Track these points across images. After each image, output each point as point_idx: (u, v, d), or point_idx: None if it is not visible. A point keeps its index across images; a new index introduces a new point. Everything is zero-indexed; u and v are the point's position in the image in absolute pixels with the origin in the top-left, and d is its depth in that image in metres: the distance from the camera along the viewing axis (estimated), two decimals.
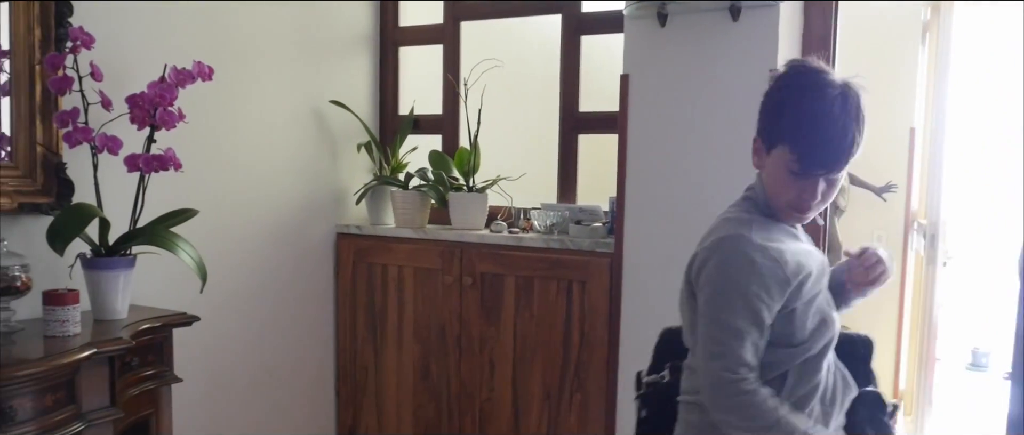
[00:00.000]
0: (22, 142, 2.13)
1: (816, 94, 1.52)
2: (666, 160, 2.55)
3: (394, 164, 3.30)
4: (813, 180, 1.54)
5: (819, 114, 1.50)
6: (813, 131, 1.50)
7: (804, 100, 1.53)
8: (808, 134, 1.51)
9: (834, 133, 1.51)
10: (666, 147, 2.55)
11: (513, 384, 2.95)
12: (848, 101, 1.53)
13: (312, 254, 3.21)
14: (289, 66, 3.04)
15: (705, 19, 2.46)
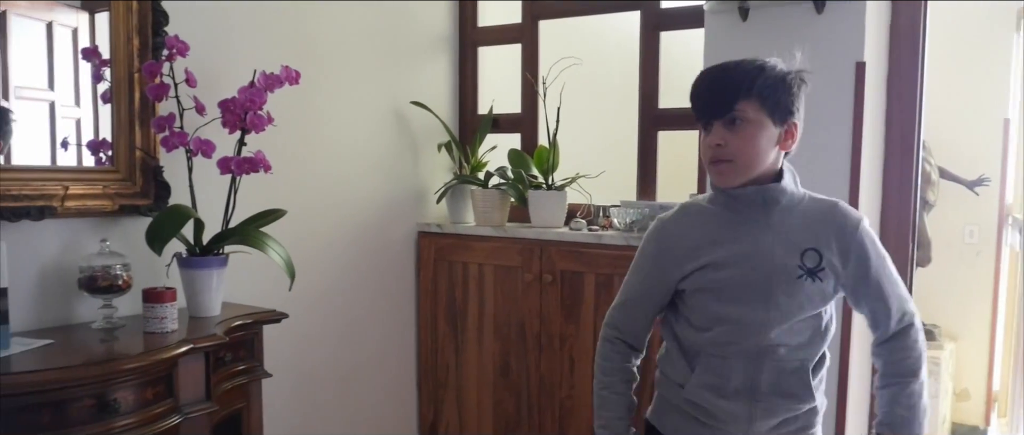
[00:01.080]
0: (122, 147, 2.23)
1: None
2: None
3: (474, 163, 3.34)
4: (707, 131, 1.59)
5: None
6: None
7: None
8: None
9: (705, 74, 1.61)
10: None
11: (593, 381, 2.94)
12: (735, 63, 1.60)
13: (394, 253, 3.27)
14: (371, 69, 3.10)
15: (788, 12, 2.42)
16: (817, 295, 1.58)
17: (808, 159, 2.42)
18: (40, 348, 1.88)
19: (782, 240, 1.58)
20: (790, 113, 1.57)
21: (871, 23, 2.37)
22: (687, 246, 1.65)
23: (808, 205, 1.62)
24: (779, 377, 1.60)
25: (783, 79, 1.56)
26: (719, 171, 1.58)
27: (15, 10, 2.08)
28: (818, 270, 1.57)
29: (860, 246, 1.59)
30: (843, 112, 2.38)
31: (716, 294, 1.63)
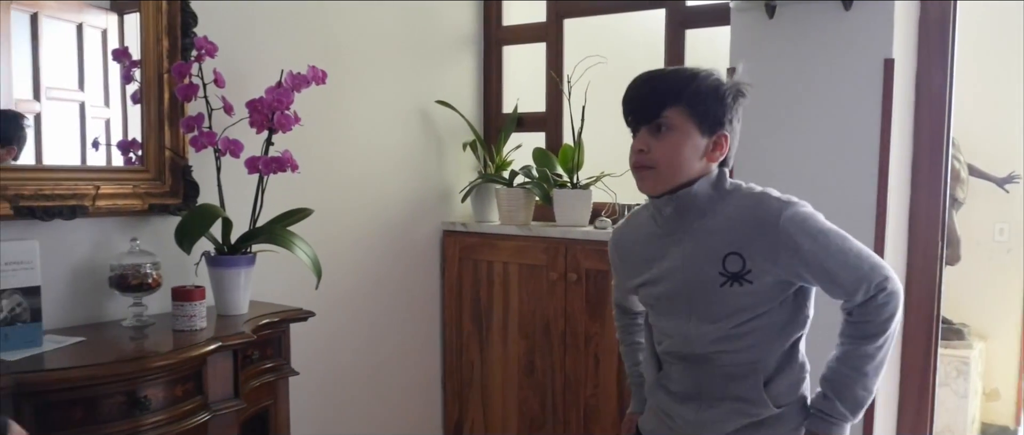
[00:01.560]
0: (152, 147, 2.26)
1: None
2: (774, 154, 2.50)
3: (498, 162, 3.34)
4: (634, 135, 1.59)
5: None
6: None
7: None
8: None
9: (638, 79, 1.60)
10: (773, 141, 2.50)
11: (619, 380, 2.95)
12: (670, 70, 1.65)
13: (419, 251, 3.28)
14: (396, 68, 3.11)
15: (815, 9, 2.40)
16: (752, 297, 1.53)
17: (835, 157, 2.42)
18: (72, 345, 1.91)
19: (701, 248, 1.55)
20: (720, 124, 1.54)
21: (900, 19, 2.35)
22: (631, 263, 1.71)
23: (733, 206, 1.56)
24: (727, 383, 1.59)
25: (715, 89, 1.54)
26: (641, 177, 1.58)
27: (46, 12, 2.11)
28: (743, 274, 1.52)
29: (787, 237, 1.49)
30: (871, 110, 2.36)
31: (654, 309, 1.69)
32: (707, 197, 1.56)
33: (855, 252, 1.51)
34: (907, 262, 2.57)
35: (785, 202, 1.52)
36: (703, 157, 1.55)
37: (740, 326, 1.55)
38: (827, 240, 1.50)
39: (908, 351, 2.58)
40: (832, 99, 2.41)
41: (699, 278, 1.55)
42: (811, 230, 1.50)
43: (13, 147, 2.04)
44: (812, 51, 2.43)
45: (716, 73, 1.56)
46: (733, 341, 1.56)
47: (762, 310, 1.54)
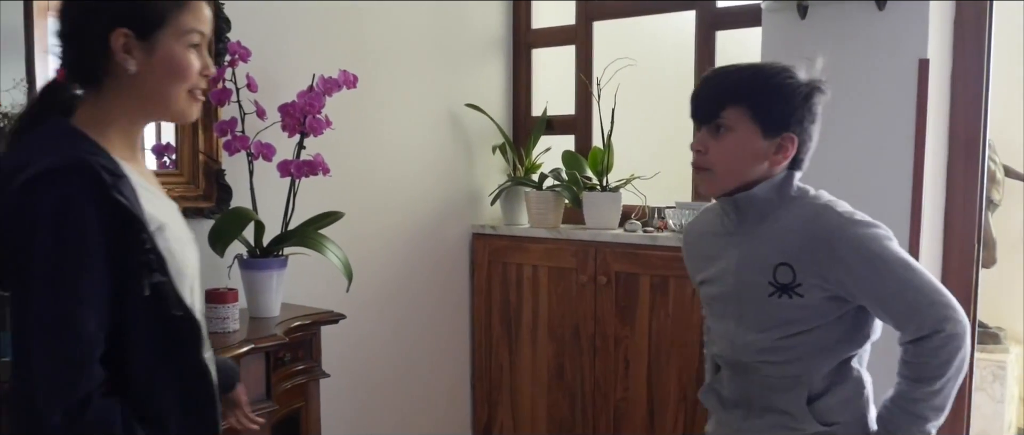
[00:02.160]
0: (186, 151, 2.29)
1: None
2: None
3: (528, 165, 3.34)
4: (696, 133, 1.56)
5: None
6: None
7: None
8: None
9: (705, 75, 1.57)
10: None
11: (648, 384, 2.93)
12: (736, 67, 1.54)
13: (448, 254, 3.29)
14: (426, 71, 3.12)
15: (849, 9, 2.38)
16: (801, 311, 1.46)
17: (869, 159, 2.39)
18: None
19: (755, 255, 1.50)
20: (784, 126, 1.46)
21: (935, 19, 2.32)
22: (694, 258, 1.69)
23: (793, 214, 1.49)
24: (770, 394, 1.53)
25: (781, 88, 1.46)
26: (699, 179, 1.55)
27: None
28: (793, 286, 1.45)
29: (840, 256, 1.43)
30: (906, 110, 2.33)
31: (709, 309, 1.65)
32: (767, 202, 1.50)
33: (916, 286, 1.42)
34: (942, 265, 2.53)
35: (847, 220, 1.45)
36: (766, 160, 1.48)
37: (787, 338, 1.49)
38: (885, 267, 1.42)
39: None
40: (866, 100, 2.39)
41: (749, 285, 1.51)
42: (867, 253, 1.42)
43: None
44: (845, 52, 2.40)
45: (788, 70, 1.48)
46: (778, 353, 1.50)
47: (812, 325, 1.48)
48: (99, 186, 1.14)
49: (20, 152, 1.21)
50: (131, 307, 1.19)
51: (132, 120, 1.30)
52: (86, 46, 1.24)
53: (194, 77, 1.29)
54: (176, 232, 1.29)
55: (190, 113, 1.33)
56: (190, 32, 1.27)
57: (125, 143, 1.29)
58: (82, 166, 1.14)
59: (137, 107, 1.29)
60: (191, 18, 1.27)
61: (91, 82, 1.27)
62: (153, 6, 1.24)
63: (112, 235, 1.15)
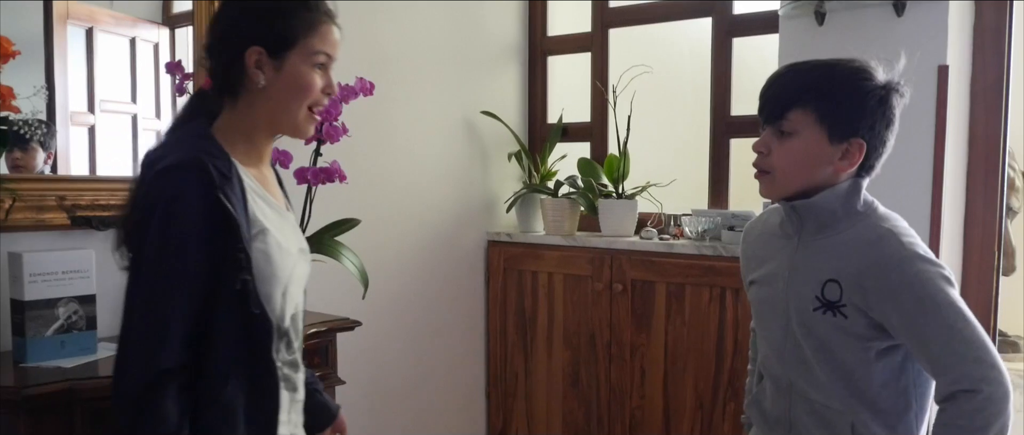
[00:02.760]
0: None
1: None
2: None
3: (543, 172, 3.34)
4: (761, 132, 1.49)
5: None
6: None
7: None
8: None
9: (777, 72, 1.50)
10: None
11: (664, 392, 2.92)
12: (810, 64, 1.47)
13: (464, 261, 3.29)
14: (442, 79, 3.13)
15: (867, 15, 2.37)
16: (842, 333, 1.40)
17: (888, 166, 2.36)
18: None
19: (808, 265, 1.45)
20: (854, 131, 1.39)
21: (954, 24, 2.31)
22: (749, 256, 1.62)
23: (854, 232, 1.42)
24: (812, 423, 1.47)
25: (853, 91, 1.39)
26: (761, 180, 1.48)
27: (101, 27, 2.16)
28: (838, 305, 1.39)
29: (890, 289, 1.35)
30: (925, 117, 2.31)
31: (756, 313, 1.59)
32: (830, 213, 1.43)
33: (964, 337, 1.32)
34: (962, 273, 2.51)
35: (908, 252, 1.37)
36: (830, 166, 1.42)
37: (825, 360, 1.43)
38: (935, 308, 1.33)
39: None
40: (898, 117, 2.37)
41: (798, 295, 1.45)
42: (920, 291, 1.34)
43: (44, 150, 2.09)
44: (864, 58, 2.39)
45: (863, 71, 1.41)
46: (816, 373, 1.44)
47: (852, 352, 1.41)
48: (208, 184, 1.26)
49: (163, 147, 1.36)
50: (222, 300, 1.29)
51: (259, 130, 1.43)
52: (226, 60, 1.38)
53: (316, 95, 1.41)
54: (279, 238, 1.39)
55: (307, 129, 1.44)
56: (317, 53, 1.40)
57: (250, 151, 1.43)
58: (198, 165, 1.26)
59: (263, 119, 1.41)
60: (319, 41, 1.40)
61: (229, 93, 1.40)
62: (286, 28, 1.37)
63: (213, 229, 1.27)
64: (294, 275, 1.43)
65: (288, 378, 1.44)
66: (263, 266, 1.33)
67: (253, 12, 1.39)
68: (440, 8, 3.08)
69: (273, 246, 1.36)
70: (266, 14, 1.38)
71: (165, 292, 1.27)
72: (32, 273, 1.81)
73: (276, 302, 1.37)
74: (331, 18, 1.45)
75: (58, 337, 1.85)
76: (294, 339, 1.46)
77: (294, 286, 1.43)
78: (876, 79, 1.41)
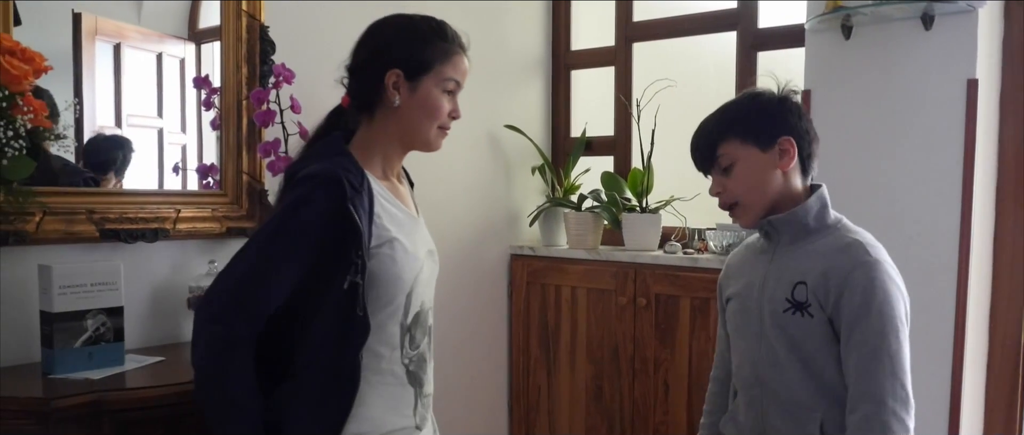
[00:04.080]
0: (230, 171, 2.31)
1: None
2: (852, 178, 2.44)
3: (567, 186, 3.34)
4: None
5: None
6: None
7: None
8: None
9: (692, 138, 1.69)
10: (852, 165, 2.45)
11: (689, 407, 2.90)
12: (710, 115, 1.68)
13: (487, 275, 3.29)
14: (466, 93, 3.08)
15: (894, 29, 2.35)
16: (807, 331, 1.50)
17: (918, 181, 2.35)
18: (152, 365, 1.95)
19: (781, 271, 1.56)
20: (775, 135, 1.56)
21: (983, 38, 2.28)
22: (727, 277, 1.74)
23: (826, 241, 1.55)
24: (788, 423, 1.54)
25: (756, 107, 1.59)
26: (734, 215, 1.62)
27: (128, 42, 2.18)
28: (805, 306, 1.50)
29: (847, 288, 1.47)
30: (954, 132, 2.28)
31: (732, 326, 1.69)
32: (802, 226, 1.56)
33: (890, 354, 1.44)
34: (992, 287, 2.48)
35: (871, 259, 1.48)
36: (776, 169, 1.57)
37: (795, 359, 1.52)
38: (878, 317, 1.44)
39: (993, 383, 2.49)
40: (913, 122, 2.35)
41: (771, 299, 1.56)
42: (869, 297, 1.45)
43: (116, 177, 2.16)
44: (891, 72, 2.37)
45: (753, 92, 1.63)
46: (787, 371, 1.53)
47: (817, 348, 1.51)
48: (339, 195, 1.39)
49: (305, 159, 1.53)
50: (327, 298, 1.41)
51: (392, 146, 1.59)
52: (367, 80, 1.55)
53: (443, 117, 1.59)
54: (406, 246, 1.51)
55: (437, 145, 1.62)
56: (448, 80, 1.57)
57: (384, 164, 1.59)
58: (333, 177, 1.40)
59: (396, 136, 1.57)
60: (451, 69, 1.58)
61: (366, 110, 1.57)
62: (423, 55, 1.54)
63: (334, 234, 1.39)
64: (420, 277, 1.55)
65: (415, 375, 1.56)
66: (389, 268, 1.46)
67: (397, 38, 1.55)
68: (464, 23, 3.06)
69: (400, 251, 1.49)
70: (408, 41, 1.54)
71: (263, 271, 1.40)
72: (61, 285, 1.83)
73: (400, 303, 1.50)
74: (464, 50, 1.63)
75: (86, 349, 1.87)
76: (419, 336, 1.57)
77: (420, 287, 1.55)
78: (765, 93, 1.62)
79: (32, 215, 1.89)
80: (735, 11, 3.03)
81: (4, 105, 1.64)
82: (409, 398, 1.55)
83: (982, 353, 2.48)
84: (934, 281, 2.30)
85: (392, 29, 1.57)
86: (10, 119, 1.65)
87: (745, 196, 1.58)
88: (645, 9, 3.32)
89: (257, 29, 2.32)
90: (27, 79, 1.69)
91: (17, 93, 1.67)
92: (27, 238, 1.89)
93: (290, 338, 1.46)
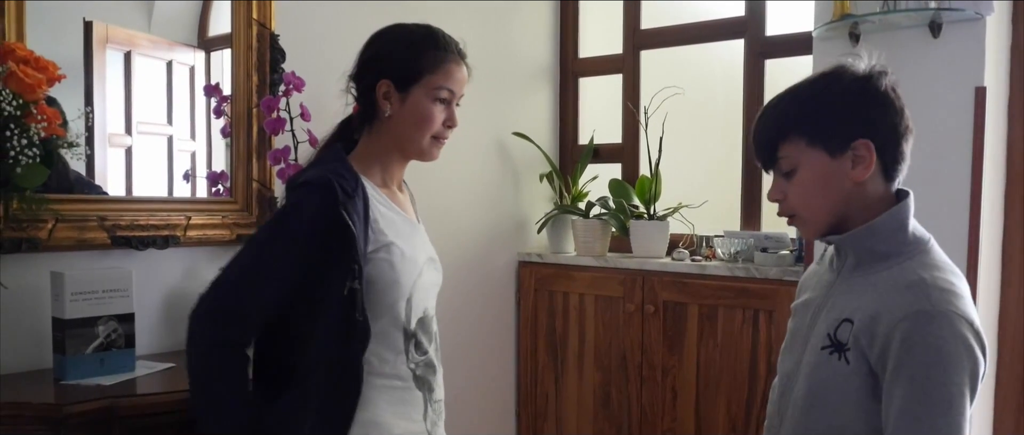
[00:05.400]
0: (240, 179, 2.33)
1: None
2: None
3: (575, 193, 3.34)
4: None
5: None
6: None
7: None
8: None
9: (759, 114, 1.41)
10: None
11: (696, 414, 2.90)
12: (779, 96, 1.39)
13: (495, 282, 3.29)
14: (474, 101, 3.10)
15: (902, 37, 2.35)
16: (842, 378, 1.24)
17: (925, 189, 2.34)
18: (163, 371, 1.97)
19: (837, 299, 1.32)
20: (851, 135, 1.27)
21: (991, 45, 2.28)
22: (800, 287, 1.52)
23: (893, 273, 1.26)
24: None
25: (828, 97, 1.30)
26: (795, 226, 1.39)
27: (139, 50, 2.20)
28: (844, 348, 1.24)
29: (895, 339, 1.18)
30: (962, 140, 2.28)
31: (785, 342, 1.48)
32: (868, 251, 1.30)
33: (934, 426, 1.15)
34: (1000, 297, 2.48)
35: (931, 309, 1.18)
36: (847, 179, 1.29)
37: (817, 406, 1.29)
38: (923, 381, 1.15)
39: (1001, 394, 2.48)
40: (921, 129, 2.31)
41: (817, 331, 1.33)
42: (919, 354, 1.16)
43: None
44: (899, 80, 2.37)
45: (832, 73, 1.32)
46: (804, 418, 1.31)
47: (845, 402, 1.25)
48: (332, 200, 1.40)
49: (308, 167, 1.56)
50: (326, 303, 1.42)
51: (390, 155, 1.60)
52: (363, 90, 1.58)
53: (435, 127, 1.58)
54: (404, 250, 1.52)
55: (432, 155, 1.62)
56: (440, 89, 1.56)
57: (383, 172, 1.60)
58: (325, 183, 1.41)
59: (391, 145, 1.58)
60: (443, 78, 1.56)
61: (366, 120, 1.59)
62: (413, 65, 1.54)
63: (327, 239, 1.40)
64: (420, 283, 1.55)
65: (424, 379, 1.57)
66: (387, 273, 1.47)
67: (388, 48, 1.56)
68: (472, 30, 3.09)
69: (397, 256, 1.49)
70: (399, 51, 1.55)
71: (255, 277, 1.42)
72: (73, 292, 1.84)
73: (400, 307, 1.50)
74: (459, 58, 1.61)
75: (98, 355, 1.88)
76: (425, 342, 1.58)
77: (420, 293, 1.56)
78: (847, 75, 1.31)
79: (44, 222, 1.91)
80: (743, 19, 3.04)
81: (19, 114, 1.66)
82: (418, 402, 1.56)
83: (991, 359, 2.48)
84: None
85: (385, 39, 1.59)
86: (24, 127, 1.67)
87: (805, 210, 1.33)
88: (653, 17, 3.33)
89: (268, 38, 2.34)
90: (41, 88, 1.70)
91: (31, 101, 1.69)
92: (39, 245, 1.91)
93: (292, 345, 1.48)
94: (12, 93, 1.66)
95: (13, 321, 1.91)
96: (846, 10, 2.36)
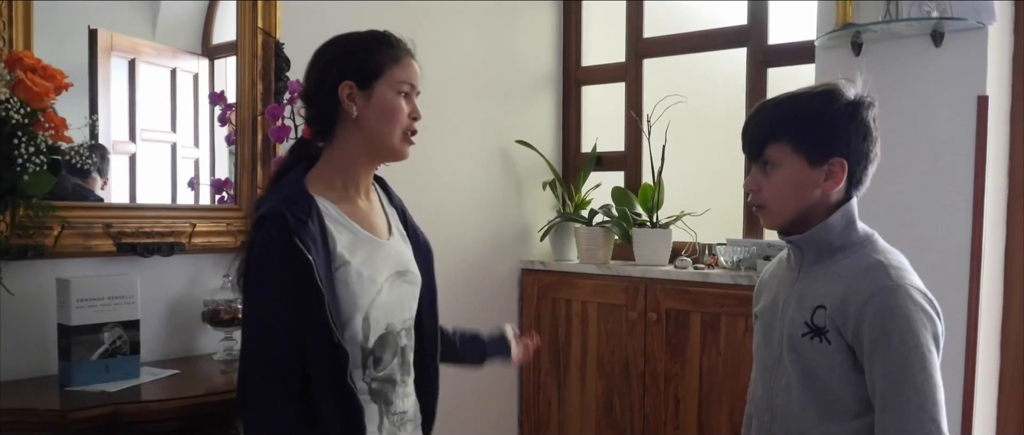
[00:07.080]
0: (244, 186, 2.33)
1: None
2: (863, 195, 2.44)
3: (577, 201, 3.35)
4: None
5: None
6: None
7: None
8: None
9: (752, 110, 1.59)
10: None
11: (699, 422, 2.90)
12: (777, 99, 1.56)
13: (498, 289, 3.30)
14: (477, 108, 3.16)
15: (904, 46, 2.36)
16: (825, 358, 1.41)
17: (928, 198, 2.35)
18: (167, 378, 1.97)
19: (804, 293, 1.47)
20: (830, 153, 1.44)
21: (993, 54, 2.29)
22: (757, 292, 1.67)
23: (850, 261, 1.44)
24: None
25: (820, 115, 1.44)
26: (758, 215, 1.55)
27: (143, 58, 2.21)
28: (824, 331, 1.41)
29: (866, 315, 1.36)
30: (965, 149, 2.29)
31: (755, 343, 1.61)
32: (826, 244, 1.47)
33: (916, 384, 1.33)
34: (1003, 305, 2.48)
35: (892, 284, 1.37)
36: (817, 188, 1.45)
37: (809, 386, 1.44)
38: (900, 346, 1.33)
39: (1004, 400, 2.48)
40: (923, 138, 2.36)
41: (792, 322, 1.48)
42: (890, 324, 1.35)
43: (101, 177, 2.13)
44: (902, 89, 2.38)
45: (827, 94, 1.46)
46: (802, 400, 1.45)
47: (834, 376, 1.42)
48: (285, 231, 1.40)
49: (265, 197, 1.55)
50: (309, 330, 1.42)
51: (355, 162, 1.58)
52: (321, 101, 1.55)
53: (404, 119, 1.57)
54: (361, 270, 1.50)
55: (404, 152, 1.61)
56: (401, 83, 1.57)
57: (348, 184, 1.58)
58: (276, 215, 1.41)
59: (360, 147, 1.56)
60: (402, 72, 1.57)
61: (326, 133, 1.57)
62: (372, 62, 1.54)
63: (296, 268, 1.39)
64: (377, 301, 1.53)
65: (380, 392, 1.55)
66: (342, 292, 1.46)
67: (342, 52, 1.56)
68: (475, 39, 3.12)
69: (353, 276, 1.48)
70: (354, 52, 1.55)
71: (265, 340, 1.43)
72: (79, 298, 1.85)
73: (357, 326, 1.49)
74: (411, 54, 1.61)
75: (103, 361, 1.88)
76: (387, 357, 1.56)
77: (378, 310, 1.54)
78: (841, 99, 1.46)
79: (50, 229, 1.92)
80: (745, 28, 3.05)
81: (26, 122, 1.67)
82: (373, 414, 1.54)
83: (994, 368, 2.48)
84: (946, 296, 2.26)
85: (336, 46, 1.59)
86: (32, 135, 1.68)
87: (775, 204, 1.48)
88: (656, 26, 3.34)
89: (272, 46, 2.35)
90: (49, 96, 1.71)
91: (39, 110, 1.70)
92: (45, 252, 1.92)
93: (306, 381, 1.47)
94: (20, 101, 1.67)
95: (19, 327, 1.92)
96: (848, 19, 2.37)
